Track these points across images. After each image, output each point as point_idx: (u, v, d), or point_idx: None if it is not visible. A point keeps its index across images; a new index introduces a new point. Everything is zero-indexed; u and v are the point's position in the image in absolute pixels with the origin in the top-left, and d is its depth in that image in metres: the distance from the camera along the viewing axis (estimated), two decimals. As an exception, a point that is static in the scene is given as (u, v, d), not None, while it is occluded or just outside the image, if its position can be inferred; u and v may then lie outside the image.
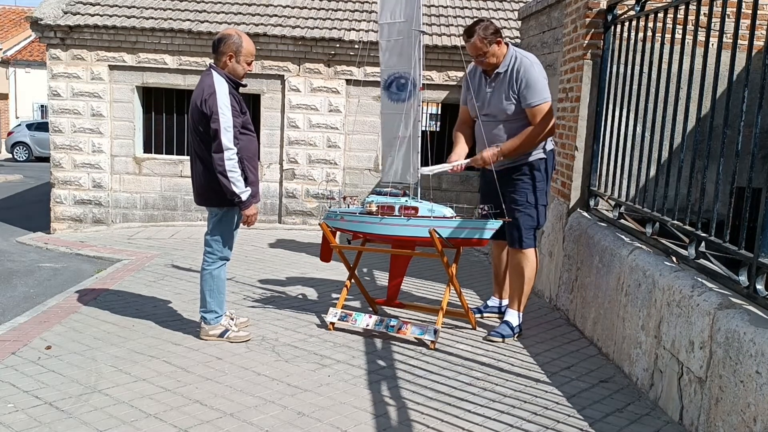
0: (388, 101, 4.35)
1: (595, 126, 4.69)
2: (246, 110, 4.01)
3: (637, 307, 3.47)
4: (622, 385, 3.48)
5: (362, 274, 5.88)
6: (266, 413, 3.03)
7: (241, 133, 3.90)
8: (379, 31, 4.38)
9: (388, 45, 4.29)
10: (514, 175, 4.17)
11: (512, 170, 4.18)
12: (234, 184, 3.78)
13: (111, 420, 2.93)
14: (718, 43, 3.11)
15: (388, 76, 4.33)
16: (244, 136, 3.94)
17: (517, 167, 4.16)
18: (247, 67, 3.96)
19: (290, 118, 8.87)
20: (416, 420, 2.99)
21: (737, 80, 3.08)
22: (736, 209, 2.91)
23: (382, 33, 4.34)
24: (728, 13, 3.14)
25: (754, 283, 2.65)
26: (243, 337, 4.04)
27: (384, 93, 4.38)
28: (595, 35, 4.68)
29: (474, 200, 8.73)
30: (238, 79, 3.94)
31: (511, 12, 9.57)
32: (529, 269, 4.21)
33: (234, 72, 3.92)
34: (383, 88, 4.38)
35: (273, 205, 9.07)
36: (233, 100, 3.85)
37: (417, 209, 4.11)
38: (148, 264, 6.32)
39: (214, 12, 9.19)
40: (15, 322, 4.42)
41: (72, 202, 8.99)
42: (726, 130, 2.98)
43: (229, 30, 4.02)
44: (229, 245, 4.08)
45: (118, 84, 8.91)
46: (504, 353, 3.93)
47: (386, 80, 4.34)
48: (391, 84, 4.32)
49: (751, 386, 2.38)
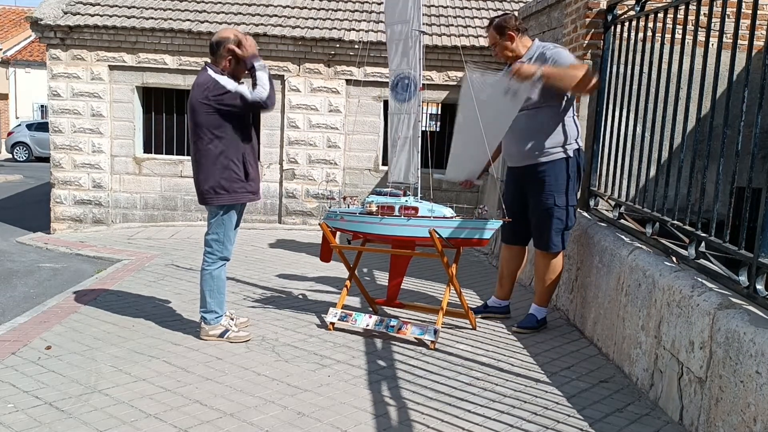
0: (395, 102, 4.37)
1: (595, 126, 4.69)
2: None
3: (637, 307, 3.47)
4: (622, 385, 3.47)
5: (362, 274, 5.88)
6: (266, 413, 3.03)
7: (241, 131, 3.93)
8: (387, 33, 4.38)
9: (396, 46, 4.29)
10: (540, 175, 4.12)
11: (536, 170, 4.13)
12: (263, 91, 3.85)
13: (111, 420, 2.93)
14: (718, 43, 3.11)
15: (395, 77, 4.34)
16: (244, 134, 3.96)
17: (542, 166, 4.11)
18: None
19: (290, 118, 8.87)
20: (416, 420, 2.98)
21: (737, 80, 3.08)
22: (736, 209, 2.91)
23: (389, 35, 4.34)
24: (728, 13, 3.14)
25: (754, 283, 2.65)
26: (243, 337, 4.04)
27: (391, 94, 4.39)
28: (595, 35, 4.68)
29: (474, 200, 8.73)
30: (238, 80, 3.95)
31: (511, 12, 9.55)
32: (552, 270, 4.25)
33: (236, 73, 3.94)
34: (391, 89, 4.39)
35: (273, 205, 9.07)
36: None
37: (417, 209, 4.11)
38: (148, 264, 6.32)
39: (214, 12, 9.19)
40: (15, 322, 4.42)
41: (72, 202, 8.99)
42: (726, 130, 2.98)
43: (225, 31, 3.99)
44: (229, 245, 4.08)
45: (118, 84, 8.91)
46: (504, 353, 3.93)
47: (393, 81, 4.36)
48: (397, 85, 4.33)
49: (751, 386, 2.38)
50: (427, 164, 4.32)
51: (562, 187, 4.11)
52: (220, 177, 3.90)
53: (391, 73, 4.37)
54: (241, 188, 3.97)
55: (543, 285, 4.31)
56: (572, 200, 4.16)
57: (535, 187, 4.16)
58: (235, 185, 3.94)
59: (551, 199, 4.12)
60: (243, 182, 3.96)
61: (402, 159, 4.32)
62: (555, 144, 4.09)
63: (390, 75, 4.40)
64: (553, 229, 4.15)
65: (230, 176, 3.92)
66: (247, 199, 4.05)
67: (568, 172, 4.12)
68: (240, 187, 3.96)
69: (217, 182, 3.91)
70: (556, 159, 4.10)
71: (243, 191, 3.99)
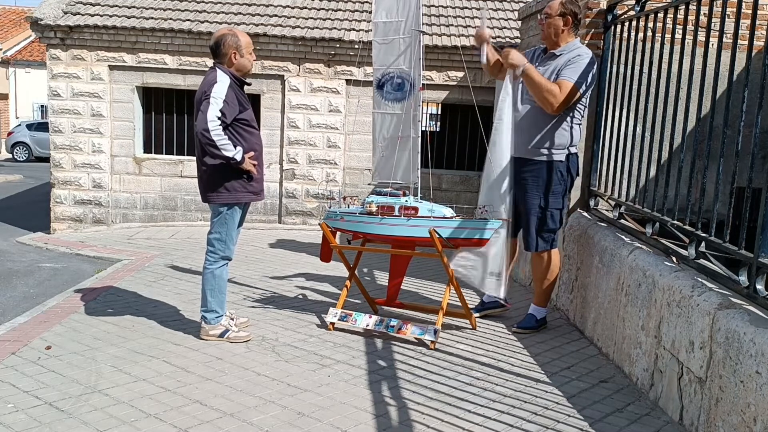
0: (381, 100, 4.33)
1: (595, 126, 4.69)
2: (249, 106, 4.02)
3: (637, 307, 3.47)
4: (622, 385, 3.48)
5: (362, 274, 5.88)
6: (266, 413, 3.03)
7: (245, 130, 3.94)
8: (372, 29, 4.37)
9: (383, 43, 4.27)
10: (527, 175, 4.13)
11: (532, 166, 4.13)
12: (225, 149, 3.78)
13: (111, 420, 2.93)
14: (718, 43, 3.11)
15: (381, 75, 4.30)
16: (248, 133, 3.97)
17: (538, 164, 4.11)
18: (251, 58, 4.02)
19: (290, 118, 8.87)
20: (416, 420, 2.98)
21: (737, 80, 3.08)
22: (736, 209, 2.91)
23: (376, 32, 4.32)
24: (728, 13, 3.14)
25: (754, 283, 2.65)
26: (243, 337, 4.04)
27: (376, 92, 4.35)
28: (595, 35, 4.68)
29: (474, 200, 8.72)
30: (246, 72, 4.00)
31: (511, 12, 9.57)
32: (546, 271, 4.26)
33: (242, 67, 3.97)
34: (375, 86, 4.35)
35: (273, 205, 9.07)
36: (235, 94, 3.87)
37: (417, 209, 4.11)
38: (148, 264, 6.32)
39: (214, 12, 9.19)
40: (15, 322, 4.42)
41: (72, 202, 8.99)
42: (726, 130, 2.98)
43: (221, 30, 4.01)
44: (231, 245, 4.08)
45: (118, 84, 8.91)
46: (504, 353, 3.93)
47: (379, 79, 4.32)
48: (384, 84, 4.30)
49: (751, 386, 2.38)
50: (427, 164, 4.31)
51: (550, 189, 4.12)
52: (222, 175, 3.91)
53: (376, 70, 4.33)
54: (242, 187, 3.97)
55: (540, 285, 4.32)
56: (558, 203, 4.16)
57: (527, 183, 4.17)
58: (237, 184, 3.94)
59: (537, 198, 4.14)
60: (245, 181, 3.96)
61: (399, 159, 4.29)
62: (557, 145, 4.09)
63: (374, 72, 4.35)
64: (534, 228, 4.17)
65: (232, 175, 3.92)
66: (249, 198, 4.04)
67: (562, 174, 4.13)
68: (241, 186, 3.96)
69: (219, 181, 3.91)
70: (554, 160, 4.11)
71: (244, 191, 3.98)
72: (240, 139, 3.91)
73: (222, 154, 3.78)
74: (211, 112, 3.75)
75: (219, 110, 3.76)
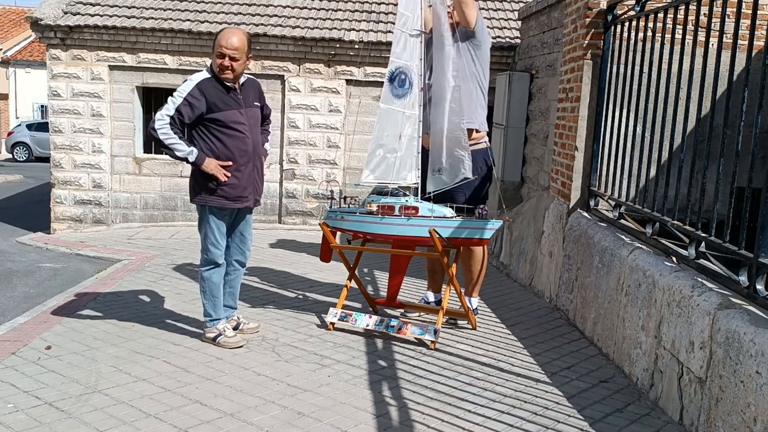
0: (390, 95, 4.16)
1: (595, 126, 4.69)
2: (235, 107, 3.83)
3: (637, 307, 3.47)
4: (622, 386, 3.48)
5: (362, 274, 5.88)
6: (266, 413, 3.03)
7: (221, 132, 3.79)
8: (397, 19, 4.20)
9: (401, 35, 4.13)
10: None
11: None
12: (175, 149, 3.74)
13: (111, 420, 2.93)
14: (718, 43, 3.11)
15: (395, 68, 4.15)
16: (225, 135, 3.80)
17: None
18: (218, 60, 3.76)
19: (290, 118, 8.87)
20: (416, 420, 2.99)
21: (737, 80, 3.08)
22: (736, 209, 2.91)
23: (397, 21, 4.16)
24: (728, 13, 3.14)
25: (754, 283, 2.65)
26: (233, 343, 3.92)
27: (387, 85, 4.16)
28: (595, 35, 4.68)
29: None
30: (217, 74, 3.81)
31: (511, 12, 9.57)
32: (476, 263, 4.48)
33: (215, 67, 3.82)
34: (387, 79, 4.17)
35: (273, 206, 9.07)
36: (208, 94, 3.75)
37: (417, 209, 4.10)
38: (148, 264, 6.32)
39: (214, 12, 9.19)
40: (15, 322, 4.42)
41: (72, 202, 8.99)
42: (726, 131, 2.98)
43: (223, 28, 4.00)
44: (215, 248, 3.91)
45: (118, 84, 8.91)
46: (504, 353, 3.93)
47: (392, 72, 4.16)
48: (395, 78, 4.17)
49: (752, 386, 2.38)
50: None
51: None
52: (194, 176, 3.88)
53: (391, 62, 4.15)
54: (212, 191, 3.80)
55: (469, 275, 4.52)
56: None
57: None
58: (207, 187, 3.80)
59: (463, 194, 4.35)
60: (216, 185, 3.79)
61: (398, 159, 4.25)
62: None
63: (389, 64, 4.17)
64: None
65: (201, 178, 3.81)
66: (220, 204, 3.83)
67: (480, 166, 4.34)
68: (211, 189, 3.80)
69: (192, 180, 3.90)
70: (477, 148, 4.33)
71: (215, 195, 3.81)
72: (209, 141, 3.78)
73: (173, 154, 3.76)
74: (162, 110, 3.75)
75: (175, 109, 3.72)
